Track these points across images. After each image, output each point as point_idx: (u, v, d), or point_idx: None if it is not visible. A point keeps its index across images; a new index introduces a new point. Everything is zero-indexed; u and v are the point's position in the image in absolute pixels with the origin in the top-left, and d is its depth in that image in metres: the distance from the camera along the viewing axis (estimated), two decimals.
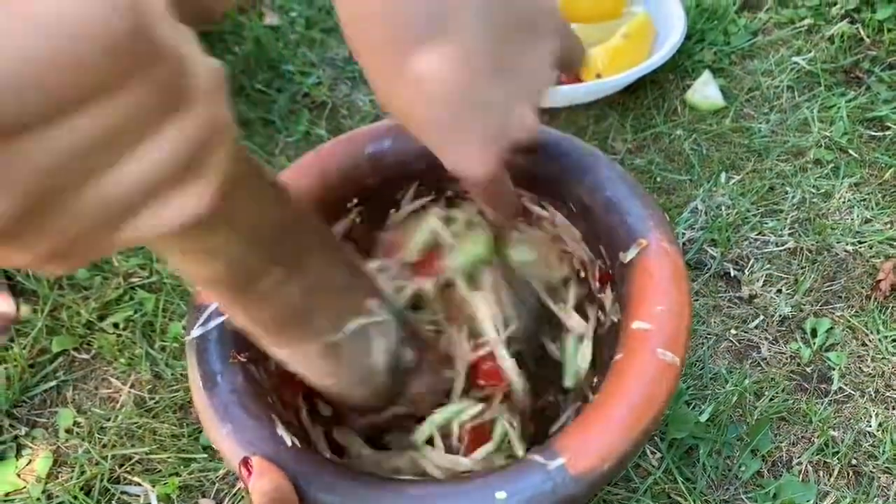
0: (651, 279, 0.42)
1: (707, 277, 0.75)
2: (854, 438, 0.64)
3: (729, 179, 0.83)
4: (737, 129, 0.88)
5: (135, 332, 0.75)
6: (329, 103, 0.97)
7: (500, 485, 0.37)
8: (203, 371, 0.45)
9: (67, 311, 0.76)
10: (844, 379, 0.68)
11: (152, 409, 0.70)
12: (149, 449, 0.67)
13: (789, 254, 0.76)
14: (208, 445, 0.67)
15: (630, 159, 0.86)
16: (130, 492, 0.65)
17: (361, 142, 0.53)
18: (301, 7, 1.10)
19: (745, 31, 0.98)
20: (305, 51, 1.03)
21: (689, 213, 0.80)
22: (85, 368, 0.74)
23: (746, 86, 0.92)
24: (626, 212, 0.45)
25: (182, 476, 0.65)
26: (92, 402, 0.71)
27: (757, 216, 0.79)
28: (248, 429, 0.42)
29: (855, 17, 0.98)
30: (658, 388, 0.39)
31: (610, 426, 0.38)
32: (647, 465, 0.64)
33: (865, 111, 0.87)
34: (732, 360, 0.70)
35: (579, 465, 0.37)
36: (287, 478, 0.40)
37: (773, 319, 0.72)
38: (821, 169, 0.83)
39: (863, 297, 0.72)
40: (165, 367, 0.72)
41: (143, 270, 0.80)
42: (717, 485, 0.63)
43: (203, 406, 0.44)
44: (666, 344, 0.40)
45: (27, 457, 0.68)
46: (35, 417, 0.71)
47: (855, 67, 0.93)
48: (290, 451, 0.42)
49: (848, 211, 0.79)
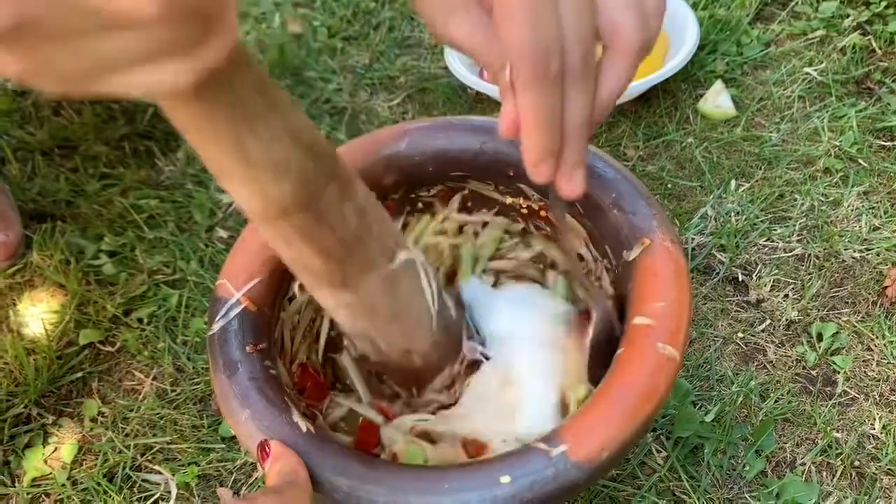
0: (653, 277, 0.44)
1: (715, 282, 0.76)
2: (857, 440, 0.65)
3: (739, 187, 0.84)
4: (747, 137, 0.89)
5: (158, 326, 0.77)
6: (349, 109, 0.99)
7: (504, 469, 0.39)
8: (224, 359, 0.48)
9: (94, 305, 0.79)
10: (849, 382, 0.69)
11: (174, 400, 0.73)
12: (170, 439, 0.70)
13: (797, 260, 0.78)
14: (227, 436, 0.69)
15: (642, 166, 0.88)
16: (151, 479, 0.68)
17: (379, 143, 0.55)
18: (323, 16, 1.13)
19: (758, 42, 0.99)
20: (327, 58, 1.06)
21: (698, 219, 0.81)
22: (110, 361, 0.76)
23: (758, 95, 0.94)
24: (632, 211, 0.47)
25: (201, 465, 0.68)
26: (116, 394, 0.74)
27: (766, 223, 0.81)
28: (265, 414, 0.45)
29: (867, 28, 0.99)
30: (658, 381, 0.41)
31: (611, 416, 0.40)
32: (653, 463, 0.65)
33: (876, 121, 0.88)
34: (739, 362, 0.71)
35: (580, 453, 0.39)
36: (302, 462, 0.42)
37: (780, 323, 0.73)
38: (830, 177, 0.84)
39: (869, 303, 0.74)
40: (187, 360, 0.75)
41: (168, 268, 0.82)
42: (721, 483, 0.64)
43: (223, 393, 0.47)
44: (666, 338, 0.42)
45: (54, 444, 0.71)
46: (62, 407, 0.74)
47: (866, 78, 0.94)
48: (305, 436, 0.44)
49: (856, 218, 0.80)
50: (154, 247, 0.85)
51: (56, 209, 0.89)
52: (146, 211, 0.88)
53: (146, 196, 0.90)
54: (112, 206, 0.89)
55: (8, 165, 0.94)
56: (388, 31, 1.10)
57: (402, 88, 1.02)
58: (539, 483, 0.39)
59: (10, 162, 0.94)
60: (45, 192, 0.91)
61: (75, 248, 0.85)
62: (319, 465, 0.42)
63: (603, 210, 0.48)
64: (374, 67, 1.06)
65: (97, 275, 0.82)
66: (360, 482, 0.41)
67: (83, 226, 0.87)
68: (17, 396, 0.73)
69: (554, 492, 0.39)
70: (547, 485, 0.39)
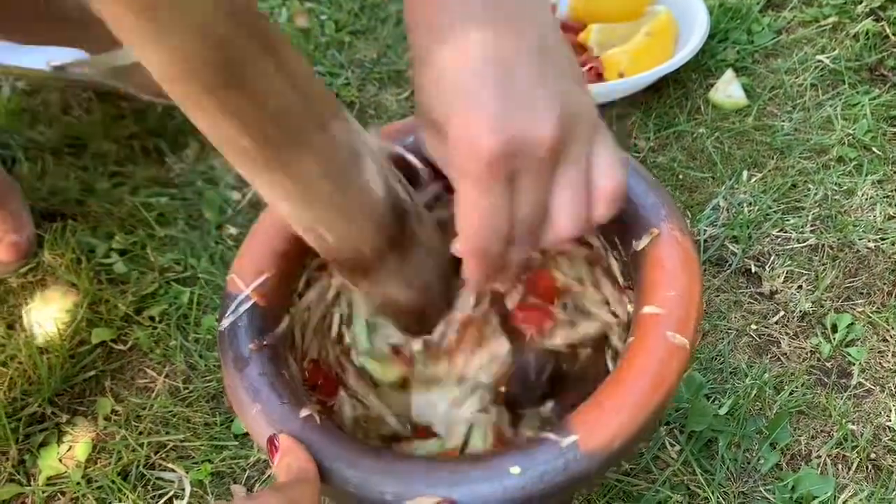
0: (662, 266, 0.43)
1: (728, 274, 0.76)
2: (873, 432, 0.65)
3: (751, 177, 0.84)
4: (759, 127, 0.88)
5: (170, 324, 0.78)
6: (357, 103, 0.99)
7: (514, 461, 0.39)
8: (234, 354, 0.48)
9: (106, 304, 0.80)
10: (864, 374, 0.68)
11: (186, 398, 0.73)
12: (183, 436, 0.70)
13: (810, 250, 0.77)
14: (240, 434, 0.69)
15: (653, 157, 0.87)
16: (165, 477, 0.68)
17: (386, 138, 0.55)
18: (330, 10, 1.12)
19: (769, 30, 0.98)
20: (334, 52, 1.06)
21: (710, 211, 0.81)
22: (122, 359, 0.77)
23: (769, 84, 0.93)
24: (640, 202, 0.46)
25: (214, 463, 0.68)
26: (129, 392, 0.74)
27: (778, 213, 0.80)
28: (275, 409, 0.45)
29: (880, 14, 0.98)
30: (668, 370, 0.40)
31: (621, 405, 0.40)
32: (667, 457, 0.65)
33: (890, 109, 0.87)
34: (752, 354, 0.70)
35: (591, 443, 0.39)
36: (311, 457, 0.42)
37: (794, 315, 0.72)
38: (843, 166, 0.83)
39: (884, 294, 0.73)
40: (199, 358, 0.75)
41: (179, 265, 0.83)
42: (735, 477, 0.64)
43: (233, 388, 0.47)
44: (676, 327, 0.41)
45: (68, 443, 0.71)
46: (76, 406, 0.74)
47: (880, 65, 0.93)
48: (314, 429, 0.44)
49: (870, 208, 0.79)
50: (165, 244, 0.85)
51: (66, 208, 0.90)
52: (156, 209, 0.88)
53: (156, 194, 0.90)
54: (122, 205, 0.89)
55: (18, 165, 0.94)
56: (396, 24, 1.10)
57: (411, 82, 1.02)
58: (550, 473, 0.39)
59: (21, 162, 0.95)
60: (56, 191, 0.91)
61: (86, 246, 0.85)
62: (329, 458, 0.42)
63: None
64: (382, 61, 1.05)
65: (108, 273, 0.83)
66: (370, 474, 0.41)
67: (94, 225, 0.87)
68: (31, 396, 0.74)
69: (565, 482, 0.38)
70: (558, 475, 0.39)
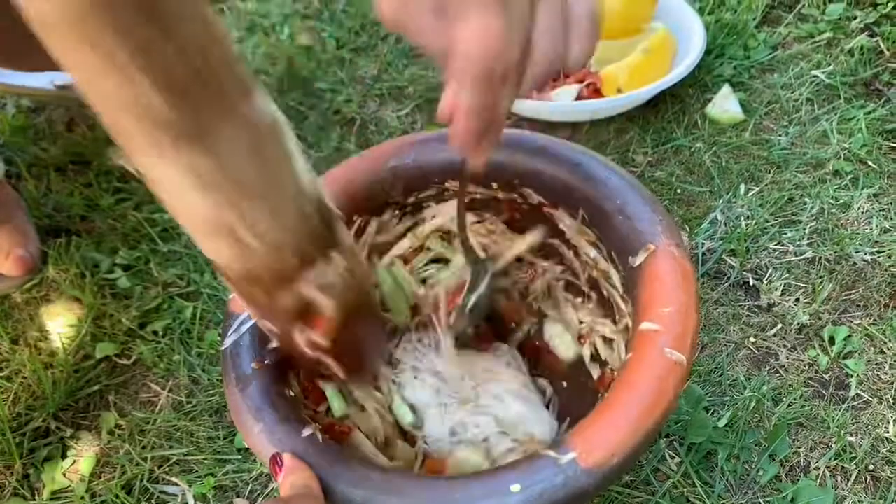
0: (659, 282, 0.44)
1: (726, 287, 0.77)
2: (871, 444, 0.65)
3: (748, 191, 0.84)
4: (756, 141, 0.89)
5: (173, 339, 0.78)
6: (358, 119, 1.00)
7: (514, 478, 0.40)
8: (236, 374, 0.48)
9: (110, 319, 0.80)
10: (862, 386, 0.69)
11: (189, 412, 0.73)
12: (186, 450, 0.71)
13: (808, 263, 0.77)
14: (243, 448, 0.70)
15: (651, 172, 0.88)
16: (169, 491, 0.69)
17: (385, 155, 0.56)
18: (332, 28, 1.14)
19: (765, 46, 0.99)
20: (336, 69, 1.07)
21: (708, 224, 0.81)
22: (126, 374, 0.77)
23: (766, 99, 0.94)
24: (637, 218, 0.47)
25: (217, 476, 0.68)
26: (133, 406, 0.75)
27: (776, 227, 0.80)
28: (277, 428, 0.45)
29: (875, 30, 0.99)
30: (666, 386, 0.41)
31: (619, 422, 0.40)
32: (666, 469, 0.65)
33: (885, 123, 0.88)
34: (751, 367, 0.71)
35: (590, 459, 0.40)
36: (314, 475, 0.43)
37: (792, 327, 0.73)
38: (840, 180, 0.84)
39: (881, 306, 0.73)
40: (202, 372, 0.75)
41: (182, 280, 0.83)
42: (735, 489, 0.64)
43: (236, 407, 0.47)
44: (673, 343, 0.42)
45: (72, 457, 0.72)
46: (80, 420, 0.75)
47: (874, 80, 0.94)
48: (318, 447, 0.44)
49: (867, 221, 0.80)
50: (168, 259, 0.86)
51: (71, 224, 0.91)
52: (160, 224, 0.89)
53: (159, 209, 0.91)
54: (126, 220, 0.90)
55: (23, 182, 0.95)
56: (396, 42, 1.11)
57: (411, 98, 1.03)
58: (549, 491, 0.39)
59: (26, 178, 0.95)
60: (60, 207, 0.92)
61: (90, 262, 0.86)
62: (333, 477, 0.42)
63: (608, 216, 0.49)
64: (383, 78, 1.06)
65: (112, 288, 0.83)
66: (374, 493, 0.41)
67: (98, 240, 0.88)
68: (35, 410, 0.74)
69: (564, 499, 0.39)
70: (557, 492, 0.39)
